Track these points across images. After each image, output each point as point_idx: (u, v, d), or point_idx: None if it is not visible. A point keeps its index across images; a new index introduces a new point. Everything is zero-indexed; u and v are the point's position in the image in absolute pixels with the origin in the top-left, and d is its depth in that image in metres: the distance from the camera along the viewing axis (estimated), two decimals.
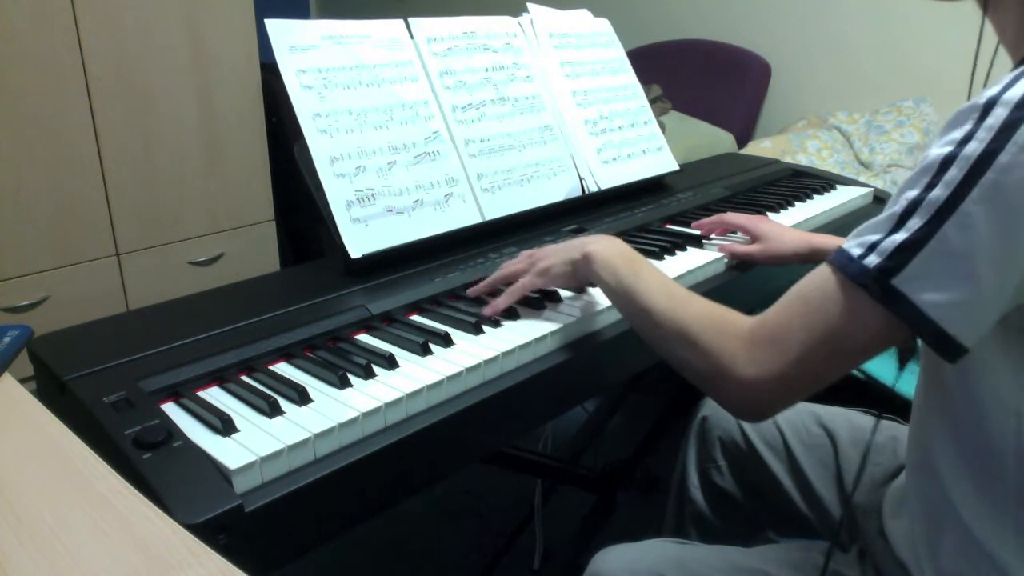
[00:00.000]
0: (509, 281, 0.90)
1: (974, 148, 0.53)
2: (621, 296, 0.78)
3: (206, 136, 2.01)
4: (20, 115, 1.69)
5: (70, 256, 1.83)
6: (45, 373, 0.73)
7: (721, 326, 0.66)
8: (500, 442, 0.99)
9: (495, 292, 0.91)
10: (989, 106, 0.53)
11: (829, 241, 1.04)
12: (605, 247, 0.82)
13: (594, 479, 1.50)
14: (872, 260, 0.56)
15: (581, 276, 0.85)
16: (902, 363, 0.79)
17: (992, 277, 0.53)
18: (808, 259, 1.07)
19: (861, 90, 2.39)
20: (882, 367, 1.31)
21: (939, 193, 0.54)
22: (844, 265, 0.58)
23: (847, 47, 2.40)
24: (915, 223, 0.54)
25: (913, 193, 0.55)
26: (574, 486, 1.51)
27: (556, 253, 0.87)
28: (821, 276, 0.60)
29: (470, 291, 0.93)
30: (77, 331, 0.81)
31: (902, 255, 0.55)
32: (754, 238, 1.09)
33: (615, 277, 0.78)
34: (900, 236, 0.55)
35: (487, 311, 0.87)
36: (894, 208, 0.56)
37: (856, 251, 0.57)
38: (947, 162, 0.54)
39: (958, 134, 0.54)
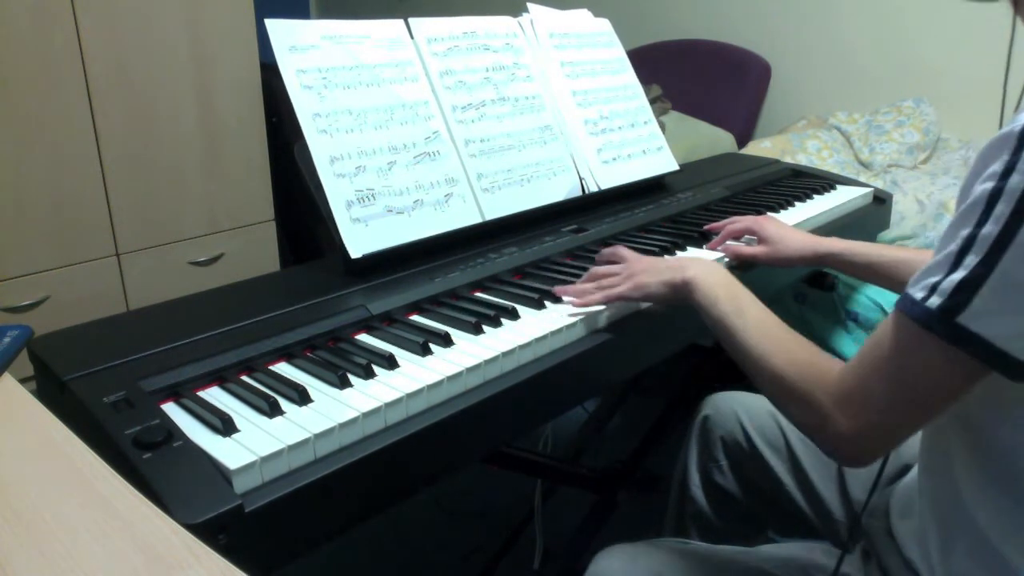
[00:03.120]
0: (600, 279, 0.91)
1: (1018, 181, 0.53)
2: (719, 329, 0.79)
3: (206, 136, 2.01)
4: (20, 115, 1.69)
5: (70, 256, 1.83)
6: (45, 373, 0.73)
7: (814, 378, 0.67)
8: (500, 442, 0.99)
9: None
10: None
11: (834, 245, 1.04)
12: (706, 274, 0.83)
13: (594, 479, 1.50)
14: (935, 301, 0.57)
15: (679, 300, 0.85)
16: None
17: None
18: (812, 263, 1.07)
19: (861, 90, 2.39)
20: None
21: (991, 229, 0.54)
22: (909, 309, 0.59)
23: (847, 47, 2.40)
24: (972, 260, 0.55)
25: (966, 231, 0.56)
26: (574, 486, 1.51)
27: (656, 270, 0.88)
28: (891, 324, 0.61)
29: (558, 290, 0.92)
30: (77, 331, 0.81)
31: (963, 293, 0.55)
32: (760, 240, 1.08)
33: (715, 308, 0.79)
34: (959, 275, 0.56)
35: (577, 302, 0.88)
36: (950, 247, 0.57)
37: (919, 294, 0.58)
38: (994, 197, 0.54)
39: (998, 167, 0.54)
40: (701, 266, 0.84)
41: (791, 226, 1.12)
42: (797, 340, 0.72)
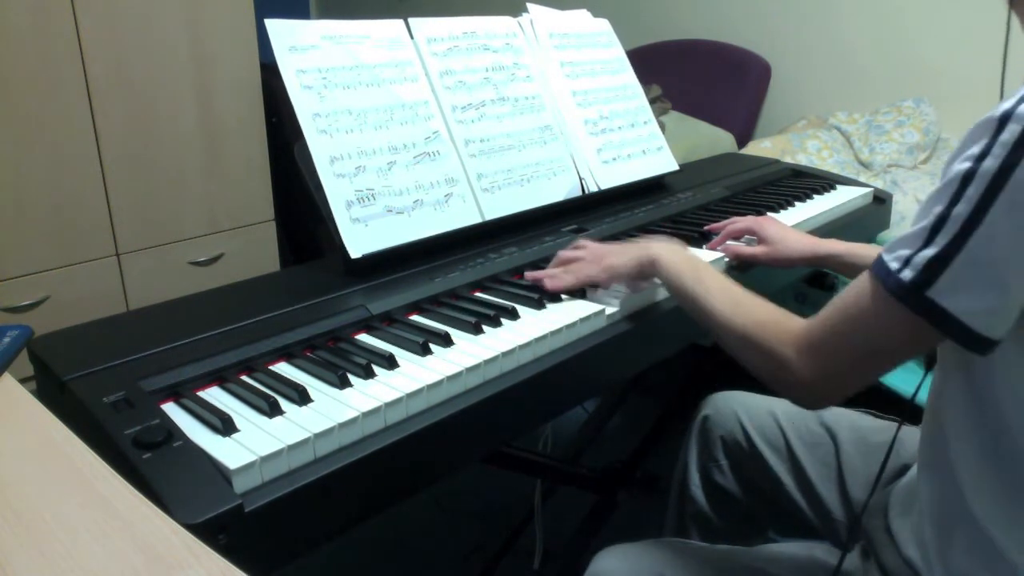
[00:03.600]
0: (567, 262, 0.96)
1: (991, 165, 0.55)
2: (686, 299, 0.84)
3: (206, 136, 2.01)
4: (20, 115, 1.69)
5: (70, 256, 1.83)
6: (45, 373, 0.73)
7: (777, 333, 0.72)
8: (500, 442, 0.99)
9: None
10: (1004, 121, 0.55)
11: (834, 247, 1.04)
12: (670, 251, 0.89)
13: (594, 479, 1.50)
14: (907, 274, 0.60)
15: (645, 276, 0.92)
16: (928, 366, 0.80)
17: (1019, 282, 0.57)
18: (812, 264, 1.08)
19: (861, 90, 2.39)
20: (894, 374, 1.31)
21: (962, 209, 0.57)
22: (884, 278, 0.62)
23: (847, 47, 2.40)
24: (943, 239, 0.58)
25: (939, 208, 0.59)
26: (574, 486, 1.51)
27: (622, 252, 0.93)
28: (861, 287, 0.65)
29: (529, 275, 0.97)
30: (77, 331, 0.81)
31: (933, 268, 0.58)
32: (760, 240, 1.09)
33: (679, 280, 0.85)
34: (931, 251, 0.59)
35: (548, 285, 0.92)
36: (924, 221, 0.60)
37: (893, 264, 0.61)
38: (967, 178, 0.57)
39: (976, 149, 0.57)
40: (665, 246, 0.90)
41: (791, 227, 1.12)
42: (759, 299, 0.77)
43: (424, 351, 0.78)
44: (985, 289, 0.57)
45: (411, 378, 0.73)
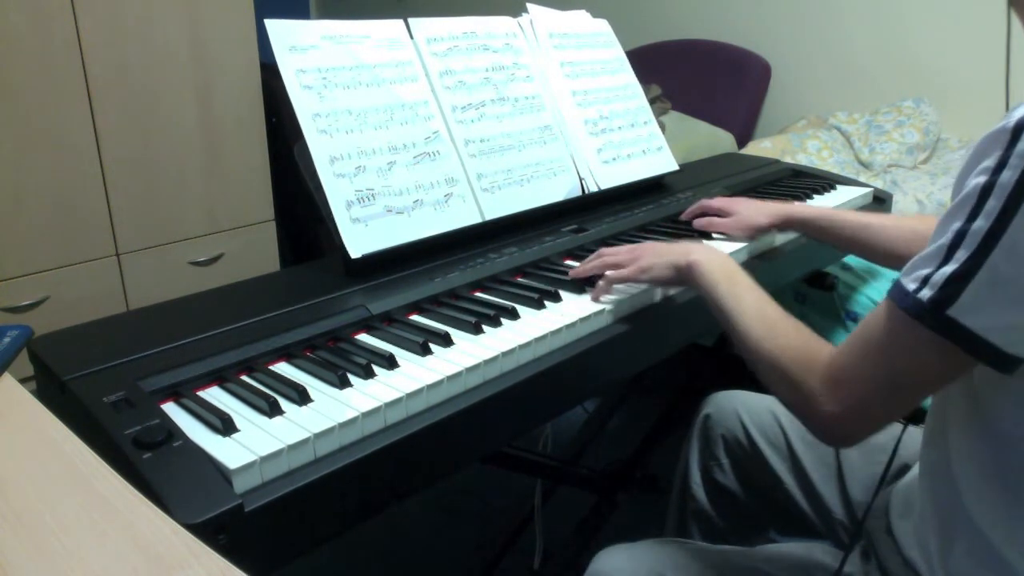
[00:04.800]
0: (608, 265, 0.94)
1: (1009, 177, 0.53)
2: (718, 311, 0.81)
3: (206, 136, 2.01)
4: (20, 115, 1.69)
5: (70, 256, 1.83)
6: (45, 373, 0.73)
7: (806, 362, 0.68)
8: (500, 442, 0.99)
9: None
10: (1019, 130, 0.53)
11: (805, 211, 1.10)
12: (709, 259, 0.85)
13: (594, 479, 1.50)
14: (926, 293, 0.58)
15: (681, 282, 0.89)
16: None
17: None
18: (786, 227, 1.13)
19: (861, 90, 2.39)
20: None
21: (981, 224, 0.55)
22: (900, 300, 0.60)
23: (847, 47, 2.40)
24: (962, 254, 0.56)
25: (957, 224, 0.56)
26: (574, 486, 1.51)
27: (659, 254, 0.91)
28: (883, 313, 0.62)
29: (572, 273, 0.97)
30: (77, 331, 0.81)
31: (953, 286, 0.56)
32: (729, 214, 1.14)
33: (715, 291, 0.81)
34: (950, 268, 0.56)
35: (592, 295, 0.92)
36: (941, 240, 0.58)
37: (911, 285, 0.59)
38: (986, 192, 0.55)
39: (991, 161, 0.55)
40: (705, 251, 0.87)
41: None
42: (792, 324, 0.74)
43: (424, 351, 0.78)
44: (1008, 305, 0.55)
45: (411, 378, 0.73)
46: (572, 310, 0.89)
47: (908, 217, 1.11)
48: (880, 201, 1.50)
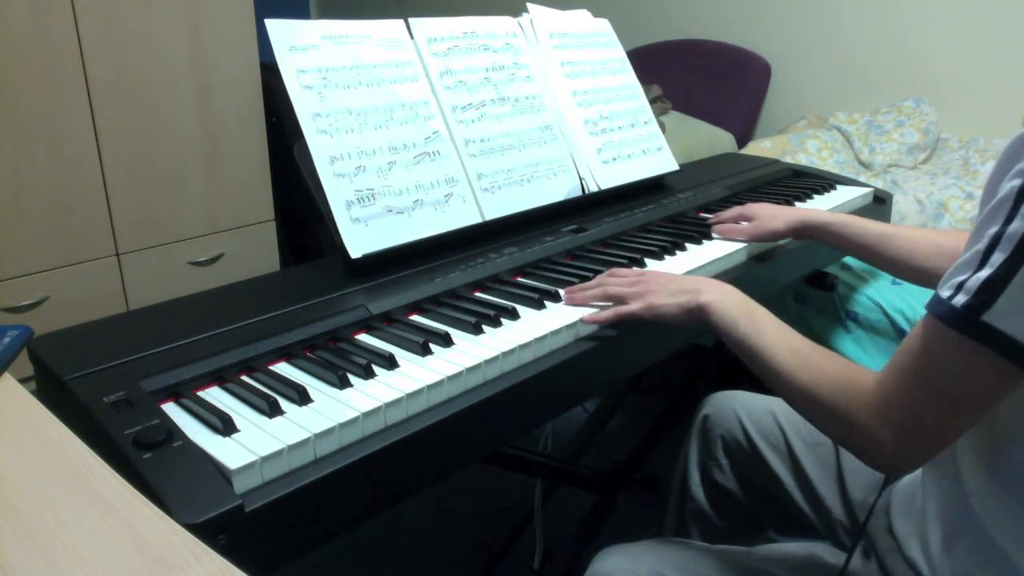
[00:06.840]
0: (611, 296, 0.88)
1: None
2: (743, 351, 0.76)
3: (206, 136, 2.01)
4: (20, 115, 1.69)
5: (70, 256, 1.83)
6: (45, 373, 0.73)
7: (848, 392, 0.65)
8: (500, 442, 0.99)
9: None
10: None
11: (821, 216, 1.07)
12: (721, 297, 0.80)
13: (594, 479, 1.50)
14: (960, 299, 0.56)
15: (695, 323, 0.83)
16: None
17: None
18: (802, 234, 1.10)
19: (861, 90, 2.39)
20: None
21: (1019, 226, 0.53)
22: (935, 308, 0.58)
23: (847, 47, 2.40)
24: (998, 258, 0.54)
25: (994, 229, 0.55)
26: (574, 486, 1.51)
27: (667, 291, 0.85)
28: (921, 327, 0.60)
29: (568, 300, 0.91)
30: (77, 331, 0.81)
31: (989, 291, 0.55)
32: (749, 220, 1.13)
33: (735, 330, 0.77)
34: (985, 272, 0.55)
35: (587, 318, 0.86)
36: (977, 245, 0.56)
37: (946, 293, 0.58)
38: (1022, 194, 0.53)
39: None
40: (715, 289, 0.82)
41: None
42: (824, 354, 0.71)
43: (424, 351, 0.78)
44: None
45: (411, 378, 0.73)
46: (573, 310, 0.88)
47: (932, 231, 1.06)
48: (880, 201, 1.50)
